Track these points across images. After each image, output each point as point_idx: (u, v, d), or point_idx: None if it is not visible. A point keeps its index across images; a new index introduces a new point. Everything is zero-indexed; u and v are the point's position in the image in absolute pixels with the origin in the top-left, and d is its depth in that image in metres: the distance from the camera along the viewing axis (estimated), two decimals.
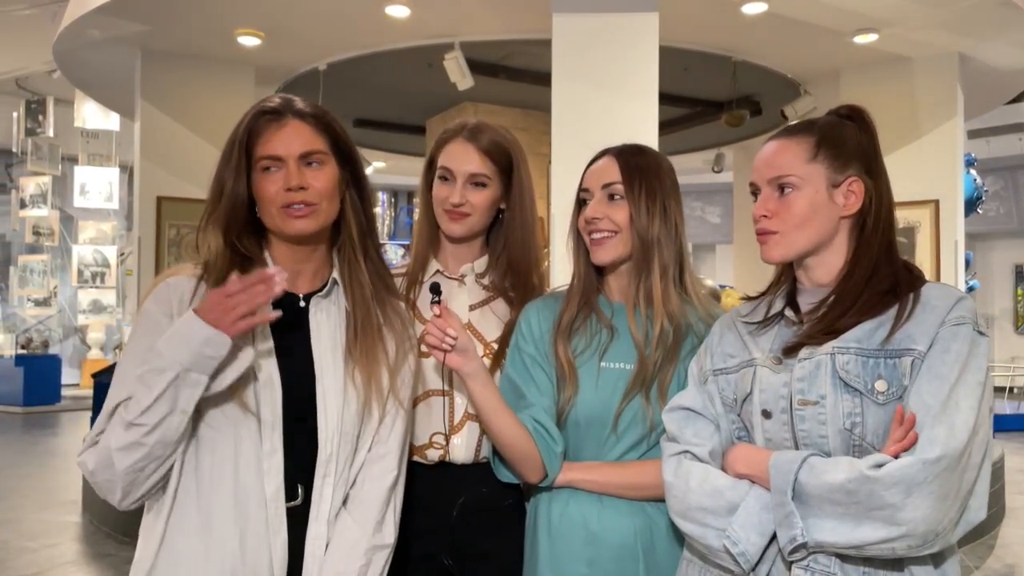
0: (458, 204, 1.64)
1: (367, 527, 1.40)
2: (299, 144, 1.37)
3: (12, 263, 12.89)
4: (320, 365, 1.40)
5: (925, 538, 1.14)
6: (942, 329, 1.22)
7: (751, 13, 4.86)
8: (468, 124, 1.69)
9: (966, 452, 1.15)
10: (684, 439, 1.37)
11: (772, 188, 1.33)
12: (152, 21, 5.08)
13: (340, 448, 1.39)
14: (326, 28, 5.21)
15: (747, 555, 1.23)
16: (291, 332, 1.40)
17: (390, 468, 1.44)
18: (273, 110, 1.39)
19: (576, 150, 1.69)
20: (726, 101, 6.38)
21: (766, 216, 1.33)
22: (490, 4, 4.83)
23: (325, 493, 1.37)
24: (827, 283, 1.34)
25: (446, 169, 1.67)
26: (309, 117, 1.40)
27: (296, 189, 1.35)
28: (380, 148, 8.66)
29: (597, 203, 1.55)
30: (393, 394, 1.44)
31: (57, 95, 10.81)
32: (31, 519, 5.53)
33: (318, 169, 1.39)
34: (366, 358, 1.41)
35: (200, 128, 5.66)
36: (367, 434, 1.43)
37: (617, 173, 1.55)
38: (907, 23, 4.99)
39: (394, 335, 1.47)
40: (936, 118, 5.61)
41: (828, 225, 1.32)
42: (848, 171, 1.32)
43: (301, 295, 1.44)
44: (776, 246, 1.33)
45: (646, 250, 1.53)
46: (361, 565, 1.38)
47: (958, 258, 5.60)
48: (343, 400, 1.39)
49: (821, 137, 1.33)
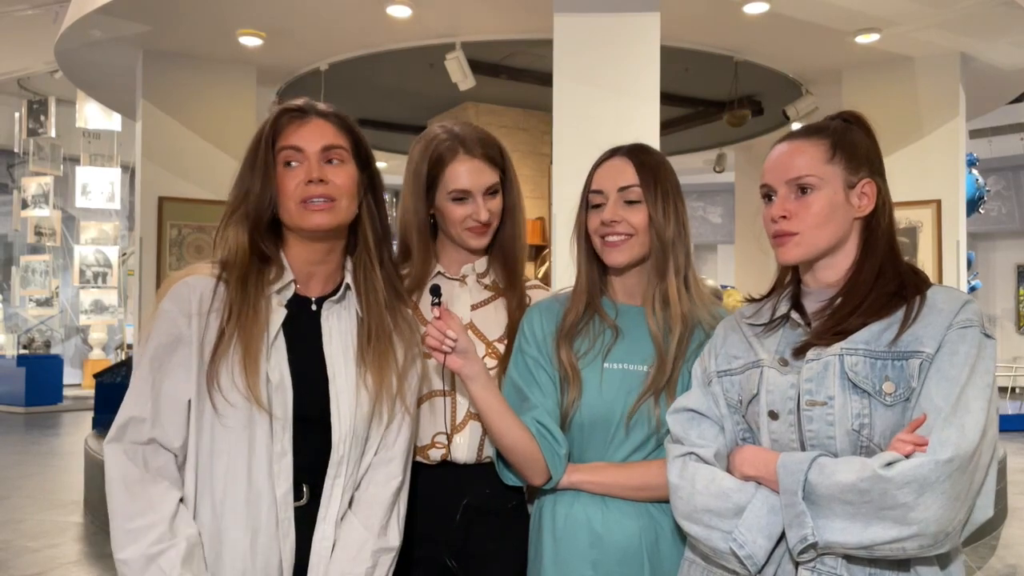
0: (487, 221, 1.64)
1: (373, 529, 1.40)
2: (321, 138, 1.39)
3: (14, 263, 12.91)
4: (332, 368, 1.40)
5: (936, 538, 1.14)
6: (950, 332, 1.22)
7: (753, 13, 4.86)
8: (458, 137, 1.64)
9: (977, 453, 1.16)
10: (689, 441, 1.37)
11: (790, 189, 1.34)
12: (153, 21, 5.08)
13: (352, 450, 1.39)
14: (328, 28, 5.21)
15: (754, 558, 1.23)
16: (302, 335, 1.40)
17: (396, 473, 1.44)
18: (297, 108, 1.42)
19: (577, 150, 1.69)
20: (728, 101, 6.37)
21: (785, 217, 1.33)
22: (491, 4, 4.83)
23: (335, 494, 1.38)
24: (833, 284, 1.34)
25: (462, 192, 1.63)
26: (332, 116, 1.43)
27: (316, 182, 1.36)
28: (382, 148, 8.64)
29: (614, 205, 1.53)
30: (401, 399, 1.44)
31: (59, 95, 10.82)
32: (33, 519, 5.54)
33: (339, 166, 1.40)
34: (378, 363, 1.41)
35: (201, 128, 5.66)
36: (375, 437, 1.44)
37: (633, 175, 1.54)
38: (909, 23, 4.99)
39: (403, 341, 1.47)
40: (938, 118, 5.60)
41: (844, 226, 1.33)
42: (861, 173, 1.33)
43: (313, 298, 1.45)
44: (796, 247, 1.33)
45: (664, 251, 1.52)
46: (368, 567, 1.38)
47: (960, 258, 5.59)
48: (355, 402, 1.40)
49: (836, 139, 1.34)
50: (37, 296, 12.51)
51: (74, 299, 13.13)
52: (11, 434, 9.50)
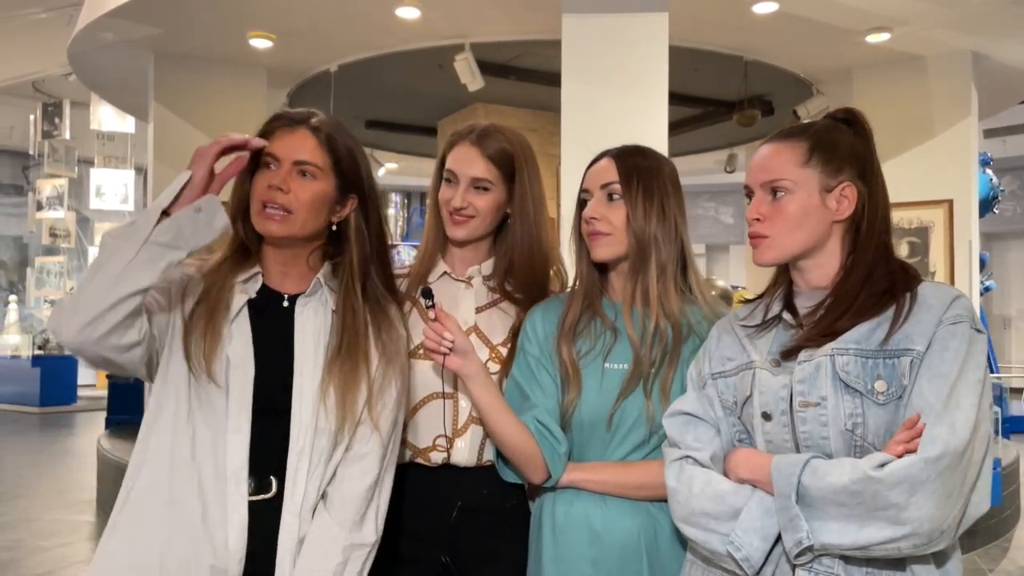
0: (460, 207, 1.64)
1: (345, 525, 1.40)
2: (299, 150, 1.42)
3: (29, 264, 13.01)
4: (300, 359, 1.43)
5: (930, 536, 1.14)
6: (940, 328, 1.22)
7: (762, 12, 4.85)
8: (476, 127, 1.68)
9: (968, 449, 1.15)
10: (685, 444, 1.37)
11: (765, 191, 1.34)
12: (165, 24, 5.12)
13: (314, 443, 1.40)
14: (337, 30, 5.23)
15: (751, 560, 1.23)
16: (276, 327, 1.44)
17: (370, 468, 1.44)
18: (290, 117, 1.45)
19: (586, 151, 1.68)
20: (738, 101, 6.36)
21: (758, 219, 1.34)
22: (500, 5, 4.84)
23: (298, 486, 1.39)
24: (824, 286, 1.34)
25: (451, 172, 1.67)
26: (319, 132, 1.44)
27: (276, 189, 1.40)
28: (392, 149, 8.69)
29: (595, 203, 1.56)
30: (370, 416, 1.43)
31: (73, 98, 10.90)
32: (45, 518, 5.58)
33: (308, 181, 1.43)
34: (342, 380, 1.42)
35: (212, 130, 5.68)
36: (344, 436, 1.44)
37: (615, 174, 1.55)
38: (920, 22, 4.96)
39: (384, 354, 1.47)
40: (950, 117, 5.57)
41: (820, 229, 1.33)
42: (841, 176, 1.32)
43: (287, 295, 1.48)
44: (767, 249, 1.34)
45: (642, 249, 1.53)
46: (338, 563, 1.38)
47: (973, 259, 5.55)
48: (318, 398, 1.41)
49: (815, 142, 1.34)
50: (52, 297, 12.58)
51: None
52: (26, 434, 9.58)
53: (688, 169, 8.93)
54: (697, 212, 14.19)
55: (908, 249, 5.59)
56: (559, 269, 1.75)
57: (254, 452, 1.38)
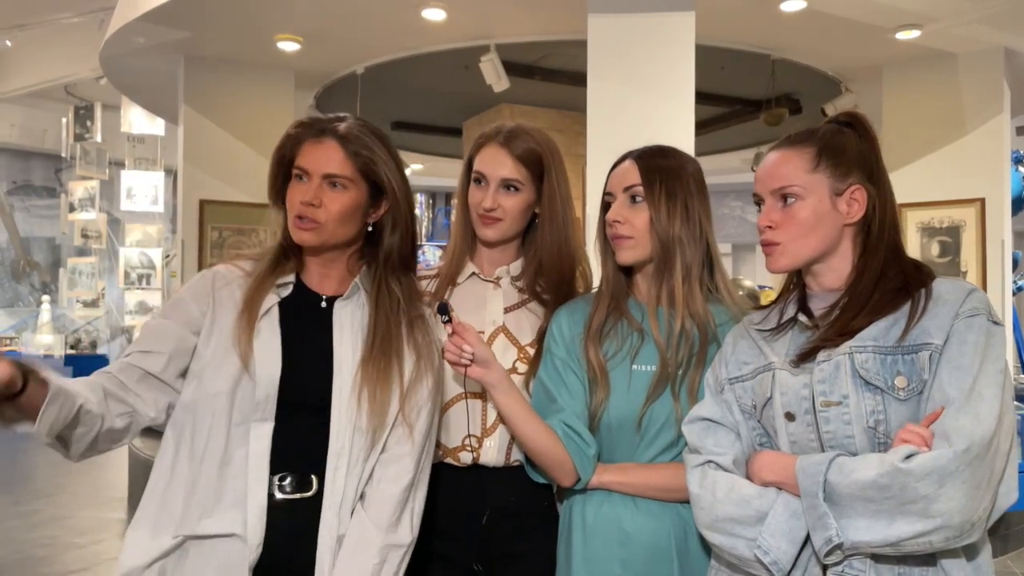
0: (490, 208, 1.65)
1: (382, 526, 1.42)
2: (327, 164, 1.44)
3: (62, 265, 13.21)
4: (339, 359, 1.45)
5: (961, 529, 1.13)
6: (956, 322, 1.22)
7: (790, 10, 4.80)
8: (504, 128, 1.69)
9: (994, 440, 1.15)
10: (706, 449, 1.37)
11: (776, 199, 1.35)
12: (194, 28, 5.18)
13: (353, 442, 1.42)
14: (363, 32, 5.26)
15: (779, 564, 1.23)
16: (313, 327, 1.47)
17: (407, 469, 1.45)
18: (318, 127, 1.47)
19: (612, 151, 1.68)
20: (765, 100, 6.30)
21: (770, 227, 1.35)
22: (525, 6, 4.84)
23: (337, 484, 1.40)
24: (837, 288, 1.35)
25: (479, 173, 1.68)
26: (347, 142, 1.45)
27: (307, 204, 1.43)
28: (418, 150, 8.71)
29: (619, 206, 1.56)
30: (403, 417, 1.45)
31: (104, 101, 11.05)
32: (79, 516, 5.67)
33: (339, 192, 1.45)
34: (374, 378, 1.44)
35: (241, 132, 5.76)
36: (380, 430, 1.45)
37: (637, 176, 1.55)
38: (950, 18, 4.89)
39: (416, 351, 1.50)
40: (981, 114, 5.49)
41: (832, 233, 1.33)
42: (850, 179, 1.33)
43: (324, 296, 1.51)
44: (781, 256, 1.35)
45: (666, 251, 1.53)
46: (375, 563, 1.40)
47: (1005, 258, 5.47)
48: (358, 398, 1.42)
49: (822, 147, 1.34)
50: (84, 297, 12.78)
51: (119, 300, 13.39)
52: None
53: (714, 168, 8.86)
54: (723, 212, 14.09)
55: (939, 248, 5.52)
56: (584, 269, 1.75)
57: (293, 450, 1.40)
